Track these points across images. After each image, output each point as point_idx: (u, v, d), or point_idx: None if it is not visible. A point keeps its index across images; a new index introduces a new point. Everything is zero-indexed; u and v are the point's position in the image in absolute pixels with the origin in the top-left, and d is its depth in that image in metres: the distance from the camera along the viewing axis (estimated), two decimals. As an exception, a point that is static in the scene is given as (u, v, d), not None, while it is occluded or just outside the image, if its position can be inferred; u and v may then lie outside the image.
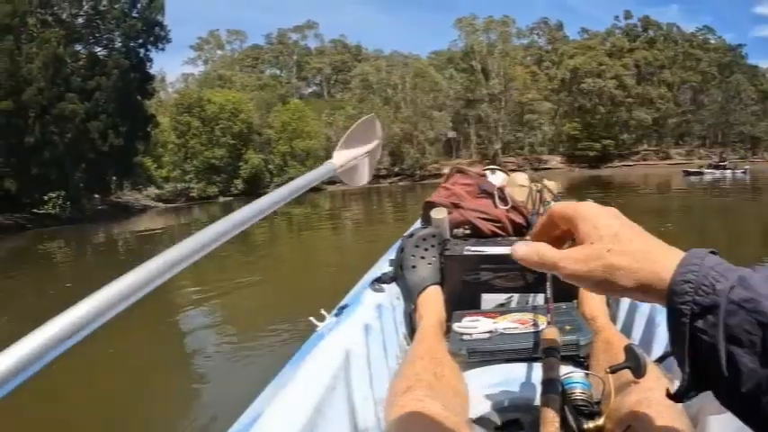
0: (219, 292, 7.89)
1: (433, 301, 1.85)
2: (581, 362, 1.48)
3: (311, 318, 1.65)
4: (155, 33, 33.13)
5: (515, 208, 2.40)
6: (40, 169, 27.00)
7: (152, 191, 43.50)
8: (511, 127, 63.82)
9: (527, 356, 1.49)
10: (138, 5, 32.43)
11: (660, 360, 1.29)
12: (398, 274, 2.01)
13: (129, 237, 19.40)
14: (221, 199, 46.90)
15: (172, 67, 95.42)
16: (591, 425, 1.03)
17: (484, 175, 2.69)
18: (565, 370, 1.22)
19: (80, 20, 31.85)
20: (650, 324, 1.73)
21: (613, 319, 1.87)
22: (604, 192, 23.70)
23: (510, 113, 62.92)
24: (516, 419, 1.29)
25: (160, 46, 33.99)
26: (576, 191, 25.30)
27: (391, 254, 2.35)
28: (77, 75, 29.54)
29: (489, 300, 1.90)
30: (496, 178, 2.86)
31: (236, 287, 8.24)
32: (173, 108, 52.89)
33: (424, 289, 1.90)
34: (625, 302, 1.97)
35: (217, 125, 50.24)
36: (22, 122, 26.74)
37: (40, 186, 27.03)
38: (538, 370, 1.34)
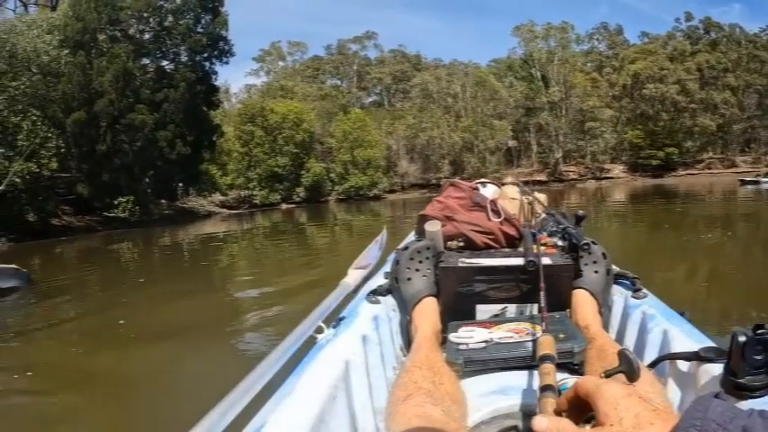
0: (280, 291, 7.74)
1: (428, 312, 1.91)
2: (575, 369, 1.54)
3: (302, 322, 1.68)
4: (219, 48, 33.78)
5: (508, 220, 2.43)
6: (110, 175, 28.08)
7: (216, 197, 44.24)
8: (572, 135, 61.39)
9: (523, 365, 1.54)
10: (203, 21, 33.16)
11: (653, 365, 1.51)
12: (394, 287, 2.08)
13: (193, 240, 19.81)
14: (283, 206, 47.60)
15: (235, 78, 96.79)
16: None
17: (476, 189, 2.71)
18: (560, 377, 1.26)
19: (147, 35, 32.72)
20: (642, 331, 1.82)
21: (606, 326, 1.95)
22: (667, 201, 23.03)
23: (571, 121, 60.72)
24: (514, 426, 1.35)
25: (224, 59, 34.61)
26: (639, 201, 24.74)
27: (387, 267, 2.47)
28: (146, 87, 30.35)
29: (484, 310, 1.96)
30: (488, 191, 2.89)
31: (295, 289, 7.78)
32: (237, 118, 53.45)
33: (420, 300, 1.96)
34: (617, 310, 2.06)
35: (279, 134, 50.81)
36: (95, 132, 27.79)
37: (110, 191, 27.99)
38: (534, 378, 1.42)
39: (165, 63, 33.64)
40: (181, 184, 35.43)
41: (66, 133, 26.98)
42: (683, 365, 1.46)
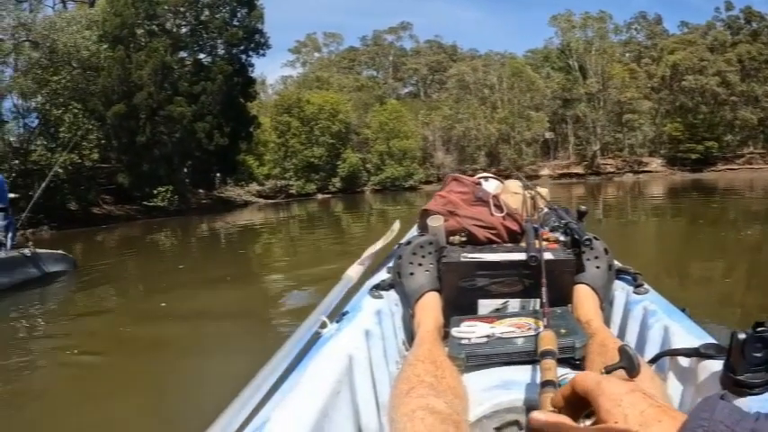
0: (314, 278, 7.59)
1: (431, 306, 1.91)
2: (576, 364, 1.54)
3: (308, 317, 1.67)
4: (255, 40, 33.94)
5: (510, 215, 2.43)
6: (150, 166, 28.55)
7: (253, 187, 44.39)
8: (610, 127, 59.49)
9: (524, 359, 1.54)
10: (239, 14, 33.38)
11: (653, 361, 1.52)
12: (397, 281, 2.08)
13: (230, 228, 20.04)
14: (319, 196, 47.71)
15: (271, 70, 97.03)
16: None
17: (479, 183, 2.68)
18: (561, 372, 1.27)
19: (184, 29, 33.05)
20: (643, 326, 1.81)
21: (607, 322, 1.95)
22: (706, 196, 22.36)
23: (609, 113, 58.83)
24: (515, 421, 1.35)
25: (260, 52, 34.76)
26: (677, 195, 24.29)
27: (390, 262, 2.44)
28: (184, 80, 30.70)
29: (486, 305, 1.97)
30: (490, 185, 2.89)
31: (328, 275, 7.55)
32: (273, 109, 53.71)
33: (422, 295, 1.96)
34: (619, 306, 2.06)
35: (316, 125, 50.85)
36: (134, 124, 28.24)
37: (150, 181, 28.42)
38: (535, 372, 1.42)
39: (202, 56, 33.95)
40: (218, 174, 35.88)
41: (106, 125, 27.46)
42: (684, 362, 1.47)
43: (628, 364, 1.07)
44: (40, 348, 4.91)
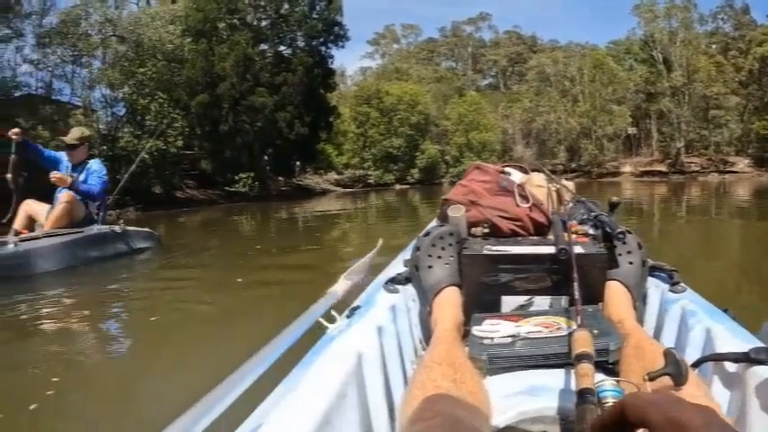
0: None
1: (450, 302, 1.80)
2: (610, 368, 1.42)
3: (320, 318, 1.59)
4: (334, 32, 34.35)
5: (537, 206, 2.32)
6: (232, 153, 29.40)
7: (332, 176, 45.04)
8: (695, 124, 55.56)
9: (554, 363, 1.44)
10: (318, 7, 33.86)
11: (696, 365, 1.37)
12: (414, 275, 1.96)
13: (307, 215, 20.14)
14: (397, 187, 47.87)
15: (351, 61, 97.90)
16: None
17: (503, 173, 2.56)
18: (595, 378, 1.14)
19: (265, 23, 33.75)
20: (682, 328, 1.69)
21: (641, 322, 1.82)
22: None
23: (694, 108, 55.14)
24: (543, 431, 1.25)
25: (340, 44, 35.16)
26: (763, 198, 22.56)
27: (407, 254, 2.34)
28: (266, 71, 31.36)
29: (510, 302, 1.84)
30: (515, 176, 2.69)
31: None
32: (353, 99, 54.33)
33: (441, 290, 1.84)
34: (653, 305, 1.93)
35: (395, 116, 51.30)
36: (218, 113, 29.22)
37: (232, 168, 29.32)
38: (566, 378, 1.33)
39: (282, 48, 34.55)
40: (298, 163, 36.46)
41: (190, 114, 28.47)
42: (730, 367, 1.35)
43: (674, 371, 1.05)
44: (124, 308, 5.34)
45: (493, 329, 1.57)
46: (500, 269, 1.83)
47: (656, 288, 1.95)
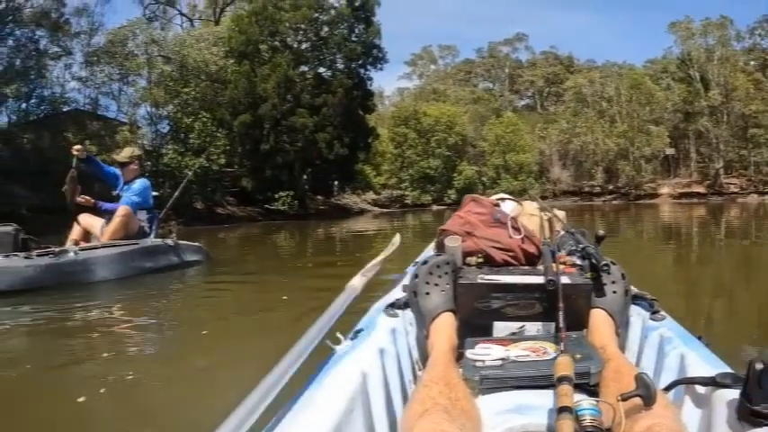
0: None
1: (445, 327, 1.89)
2: (591, 389, 1.50)
3: (327, 341, 1.64)
4: (373, 55, 34.75)
5: (528, 238, 2.43)
6: (272, 172, 29.99)
7: (369, 196, 45.37)
8: (734, 143, 54.82)
9: (539, 384, 1.52)
10: (356, 30, 34.31)
11: (668, 388, 1.52)
12: (412, 300, 2.04)
13: (344, 234, 20.32)
14: (434, 207, 47.84)
15: (388, 81, 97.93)
16: None
17: (497, 205, 2.68)
18: (576, 398, 1.25)
19: (305, 45, 34.31)
20: (660, 353, 1.80)
21: (623, 347, 1.92)
22: None
23: (732, 127, 54.35)
24: None
25: (378, 66, 35.57)
26: None
27: (406, 280, 2.43)
28: (306, 92, 31.89)
29: (501, 327, 1.94)
30: (507, 206, 2.86)
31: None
32: (390, 120, 54.48)
33: (438, 315, 1.93)
34: (635, 332, 2.04)
35: (432, 137, 51.53)
36: (259, 132, 29.88)
37: (272, 186, 29.96)
38: (549, 397, 1.40)
39: (322, 70, 35.02)
40: (337, 182, 36.95)
41: (232, 133, 29.17)
42: (700, 390, 1.45)
43: (644, 393, 1.14)
44: (175, 315, 5.67)
45: (485, 353, 1.65)
46: (493, 297, 1.94)
47: (637, 316, 2.07)
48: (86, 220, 7.50)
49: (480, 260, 2.29)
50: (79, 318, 5.27)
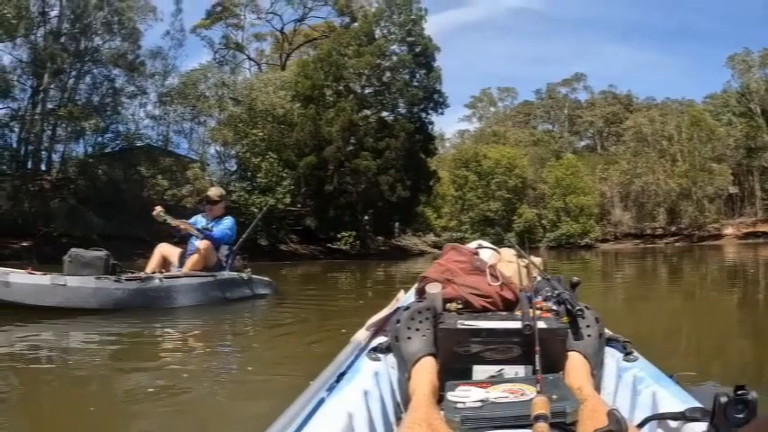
0: None
1: (427, 370, 1.91)
2: (568, 429, 1.55)
3: (311, 382, 1.69)
4: (434, 100, 35.29)
5: (506, 285, 2.47)
6: (335, 212, 30.83)
7: (430, 237, 46.01)
8: None
9: (518, 423, 1.55)
10: (418, 75, 34.95)
11: (641, 425, 1.62)
12: (394, 345, 2.08)
13: (404, 275, 19.83)
14: None
15: (448, 123, 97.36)
16: None
17: (476, 253, 2.75)
18: None
19: (368, 90, 35.19)
20: (633, 392, 1.85)
21: (598, 388, 1.99)
22: None
23: None
24: None
25: (439, 110, 36.13)
26: None
27: (388, 325, 2.44)
28: (369, 136, 32.73)
29: (480, 371, 1.99)
30: (486, 254, 2.97)
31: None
32: (451, 163, 55.01)
33: (419, 359, 1.96)
34: (609, 373, 2.10)
35: (492, 179, 51.72)
36: (323, 174, 30.85)
37: (334, 225, 30.73)
38: None
39: (385, 114, 35.76)
40: (398, 224, 37.60)
41: (298, 173, 30.13)
42: (672, 424, 1.52)
43: (616, 428, 1.19)
44: (242, 346, 6.16)
45: (465, 395, 1.69)
46: (472, 341, 1.99)
47: (611, 357, 2.13)
48: (165, 249, 8.24)
49: (460, 306, 2.30)
50: (159, 335, 5.95)
